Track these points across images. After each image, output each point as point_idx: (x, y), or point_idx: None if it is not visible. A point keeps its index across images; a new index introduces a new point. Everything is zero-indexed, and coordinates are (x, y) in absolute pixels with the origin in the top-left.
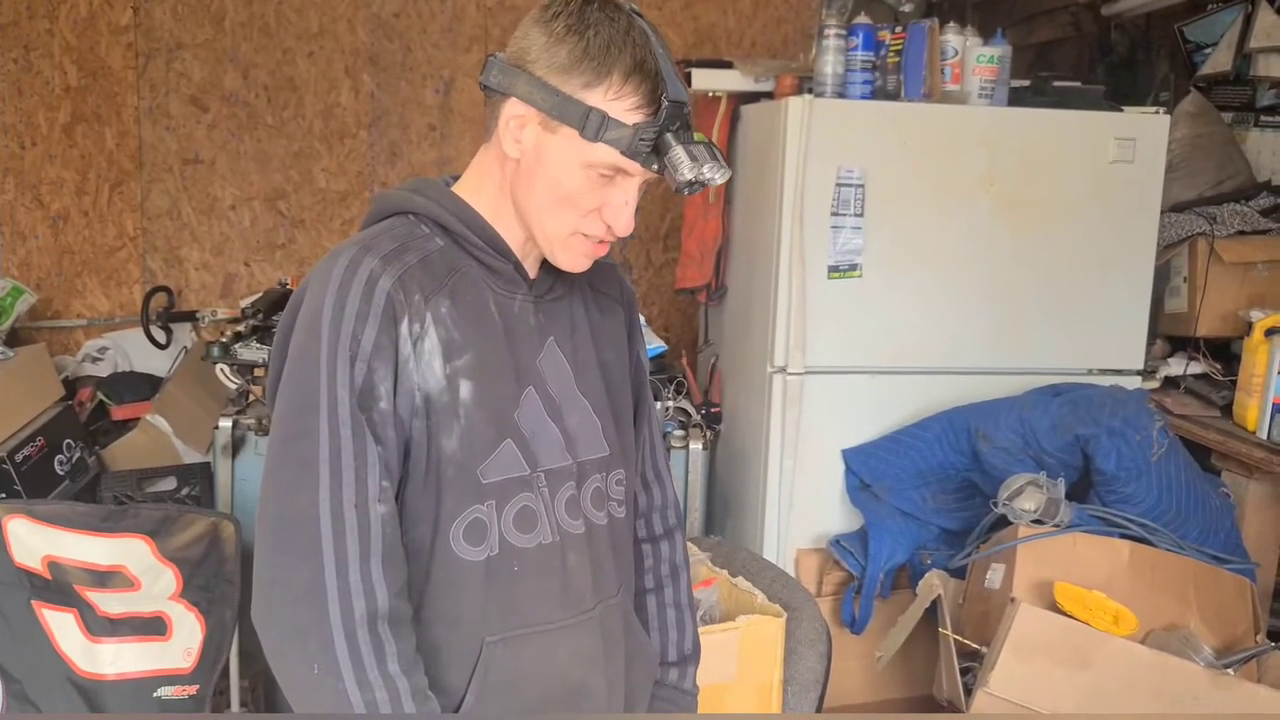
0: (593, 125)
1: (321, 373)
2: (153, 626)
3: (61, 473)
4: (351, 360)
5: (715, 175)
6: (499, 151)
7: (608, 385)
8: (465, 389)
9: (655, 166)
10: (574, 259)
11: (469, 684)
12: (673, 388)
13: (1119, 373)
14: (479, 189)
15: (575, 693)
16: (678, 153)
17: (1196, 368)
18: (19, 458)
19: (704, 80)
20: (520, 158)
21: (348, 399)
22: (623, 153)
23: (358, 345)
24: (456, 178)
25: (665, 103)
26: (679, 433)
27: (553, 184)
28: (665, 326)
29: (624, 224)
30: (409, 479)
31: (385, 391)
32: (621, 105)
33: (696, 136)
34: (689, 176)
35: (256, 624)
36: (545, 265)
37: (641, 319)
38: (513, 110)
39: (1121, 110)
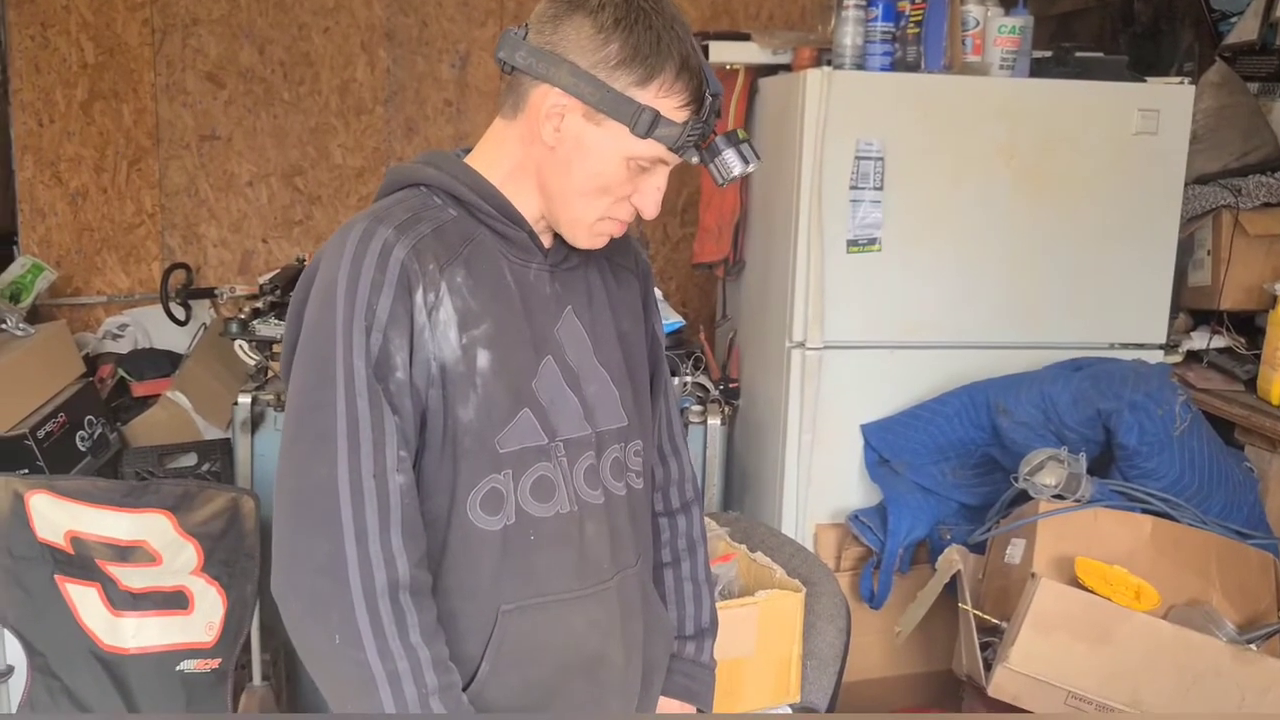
0: (644, 123)
1: (337, 343)
2: (174, 601)
3: (83, 449)
4: (367, 330)
5: (753, 167)
6: (525, 131)
7: (626, 356)
8: (483, 358)
9: (696, 159)
10: (595, 240)
11: (484, 653)
12: (691, 363)
13: (1141, 347)
14: (494, 162)
15: (592, 662)
16: (730, 154)
17: (1220, 342)
18: (41, 434)
19: (721, 53)
20: (556, 146)
21: (364, 369)
22: (670, 148)
23: (373, 315)
24: (469, 150)
25: (708, 98)
26: (697, 408)
27: (593, 174)
28: (683, 301)
29: (654, 208)
30: (425, 449)
31: (401, 361)
32: (671, 103)
33: (740, 134)
34: (737, 174)
35: (276, 596)
36: (560, 235)
37: (659, 293)
38: (555, 100)
39: (1145, 81)
